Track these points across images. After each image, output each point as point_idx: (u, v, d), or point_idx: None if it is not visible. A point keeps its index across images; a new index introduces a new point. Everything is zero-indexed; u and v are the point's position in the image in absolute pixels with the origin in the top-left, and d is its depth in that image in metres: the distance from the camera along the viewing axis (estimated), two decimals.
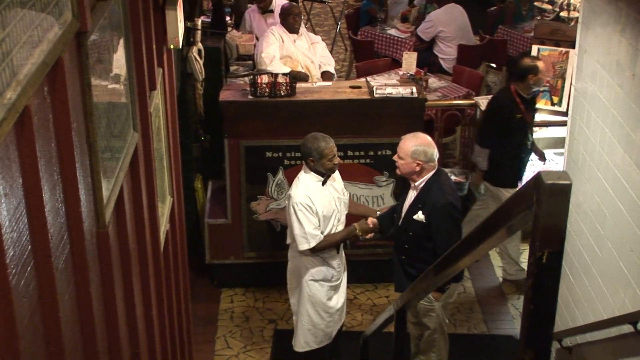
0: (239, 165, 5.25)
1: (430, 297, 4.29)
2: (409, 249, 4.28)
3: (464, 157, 6.88)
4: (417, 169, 4.14)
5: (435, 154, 4.16)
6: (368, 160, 5.31)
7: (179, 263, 4.18)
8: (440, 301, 4.35)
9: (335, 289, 4.54)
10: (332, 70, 6.56)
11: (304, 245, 4.27)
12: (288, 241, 4.42)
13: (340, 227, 4.43)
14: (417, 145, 4.13)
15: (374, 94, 5.17)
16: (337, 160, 4.26)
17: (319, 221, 4.28)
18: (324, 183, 4.33)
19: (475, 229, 2.09)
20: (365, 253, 5.52)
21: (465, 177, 6.49)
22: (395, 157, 4.26)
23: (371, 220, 4.48)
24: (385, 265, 5.17)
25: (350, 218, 4.65)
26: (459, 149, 7.10)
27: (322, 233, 4.32)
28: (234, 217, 5.40)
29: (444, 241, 4.06)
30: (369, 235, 4.54)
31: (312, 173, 4.30)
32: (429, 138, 4.20)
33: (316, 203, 4.25)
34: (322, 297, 4.47)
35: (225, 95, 5.19)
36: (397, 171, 4.26)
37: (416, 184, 4.21)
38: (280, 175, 5.27)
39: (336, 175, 4.46)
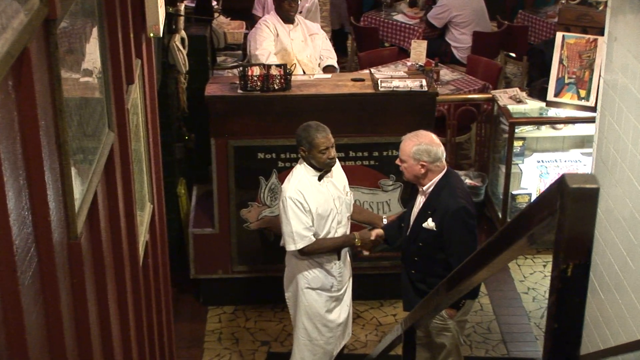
0: (228, 168, 5.25)
1: (444, 315, 4.30)
2: (419, 262, 4.28)
3: (480, 158, 6.89)
4: (422, 171, 4.16)
5: (441, 153, 4.17)
6: (372, 162, 5.32)
7: (160, 278, 4.18)
8: (455, 319, 4.35)
9: (337, 300, 4.55)
10: (335, 64, 6.56)
11: (290, 246, 4.33)
12: (282, 242, 4.46)
13: (341, 230, 4.45)
14: (418, 145, 4.14)
15: (379, 88, 5.18)
16: (332, 153, 4.29)
17: (312, 221, 4.31)
18: (320, 178, 4.36)
19: (492, 239, 2.08)
20: (370, 266, 5.53)
21: (481, 181, 6.53)
22: (397, 161, 4.28)
23: (376, 233, 4.49)
24: (392, 280, 5.17)
25: (354, 226, 4.67)
26: (474, 149, 7.11)
27: (316, 235, 4.34)
28: (222, 226, 5.40)
29: (458, 251, 4.08)
30: (367, 252, 4.56)
31: (307, 166, 4.34)
32: (432, 135, 4.22)
33: (309, 200, 4.29)
34: (319, 308, 4.49)
35: (211, 90, 5.19)
36: (403, 175, 4.29)
37: (424, 188, 4.23)
38: (273, 179, 5.27)
39: (337, 171, 4.49)
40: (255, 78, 5.09)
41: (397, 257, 4.66)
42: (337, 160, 4.58)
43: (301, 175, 4.34)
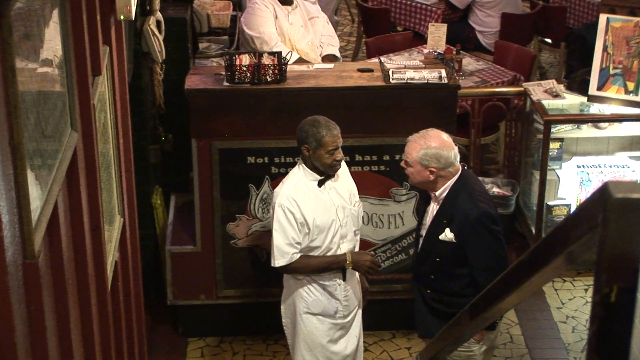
0: (212, 175, 5.25)
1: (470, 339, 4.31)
2: (436, 280, 4.30)
3: (510, 162, 6.89)
4: (432, 178, 4.18)
5: (454, 156, 4.19)
6: (382, 167, 5.33)
7: (131, 304, 4.18)
8: (484, 344, 4.36)
9: (343, 329, 4.57)
10: (337, 53, 6.57)
11: (272, 262, 4.40)
12: None
13: (346, 246, 4.48)
14: (425, 149, 4.16)
15: (390, 80, 5.18)
16: (339, 156, 4.32)
17: (307, 234, 4.34)
18: (321, 184, 4.39)
19: (523, 258, 2.10)
20: (379, 290, 5.52)
21: (511, 190, 6.52)
22: (402, 164, 4.30)
23: (370, 258, 4.51)
24: (406, 306, 5.16)
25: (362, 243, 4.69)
26: (503, 152, 7.12)
27: (314, 249, 4.38)
28: (205, 243, 5.41)
29: (484, 263, 4.10)
30: (365, 285, 4.58)
31: (307, 169, 4.37)
32: (442, 136, 4.23)
33: (305, 209, 4.32)
34: (321, 338, 4.51)
35: (192, 82, 5.20)
36: (410, 180, 4.32)
37: (437, 193, 4.24)
38: (266, 187, 5.27)
39: (344, 176, 4.51)
40: (245, 68, 5.09)
41: (410, 280, 4.67)
42: (344, 163, 4.59)
43: (297, 180, 4.38)
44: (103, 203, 3.33)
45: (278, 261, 4.36)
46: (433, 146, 4.15)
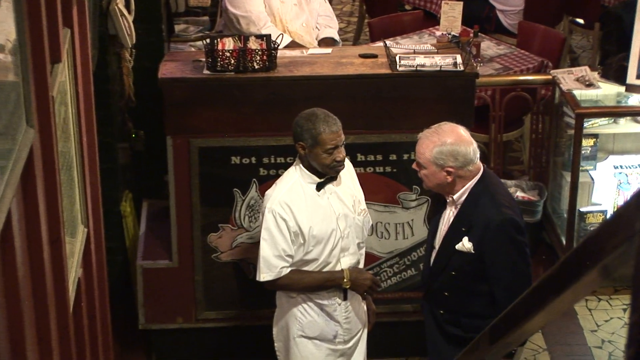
0: (190, 178, 5.26)
1: None
2: (451, 298, 4.30)
3: (537, 162, 6.90)
4: (449, 179, 4.19)
5: (473, 152, 4.19)
6: (388, 169, 5.33)
7: (97, 328, 4.17)
8: None
9: (343, 356, 4.58)
10: (336, 36, 6.58)
11: (257, 275, 4.43)
12: None
13: (347, 261, 4.49)
14: (440, 146, 4.16)
15: (397, 67, 5.18)
16: (340, 156, 4.32)
17: (302, 245, 4.36)
18: (320, 187, 4.40)
19: (550, 272, 2.12)
20: (386, 311, 5.52)
21: (538, 194, 6.51)
22: (414, 166, 4.31)
23: (371, 277, 4.53)
24: (416, 330, 5.16)
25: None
26: (528, 150, 7.12)
27: (310, 264, 4.40)
28: (182, 257, 5.40)
29: (506, 279, 4.10)
30: (371, 306, 4.61)
31: (304, 170, 4.39)
32: (459, 130, 4.24)
33: (300, 217, 4.34)
34: None
35: (167, 70, 5.19)
36: (424, 184, 4.32)
37: (454, 197, 4.26)
38: (253, 192, 5.27)
39: (347, 179, 4.52)
40: (228, 54, 5.08)
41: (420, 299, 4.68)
42: (350, 164, 4.59)
43: (293, 182, 4.39)
44: (64, 211, 3.32)
45: (264, 275, 4.38)
46: (448, 142, 4.15)
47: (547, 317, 2.29)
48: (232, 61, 5.09)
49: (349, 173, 4.56)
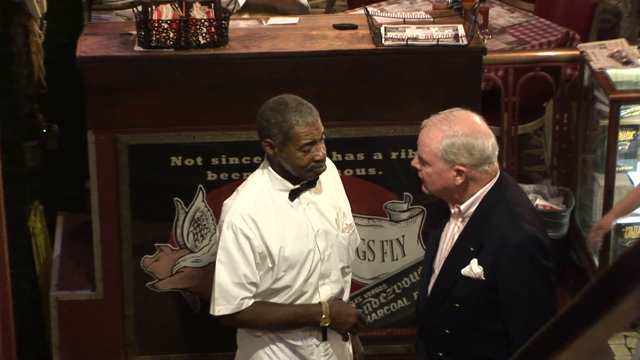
0: (118, 184, 5.27)
1: None
2: (453, 338, 4.30)
3: (561, 161, 6.95)
4: (459, 181, 4.16)
5: (492, 148, 4.18)
6: (372, 171, 5.37)
7: None
8: None
9: None
10: (305, 1, 6.62)
11: (212, 308, 4.43)
12: None
13: (328, 290, 4.52)
14: (451, 137, 4.14)
15: (383, 41, 5.20)
16: (320, 154, 4.33)
17: (271, 270, 4.38)
18: (294, 196, 4.41)
19: (578, 299, 2.11)
20: (372, 353, 5.53)
21: (563, 202, 6.54)
22: (415, 163, 4.28)
23: (356, 312, 4.58)
24: None
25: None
26: (550, 146, 7.16)
27: (280, 293, 4.42)
28: (109, 286, 5.41)
29: (525, 314, 4.10)
30: (359, 349, 4.67)
31: (273, 174, 4.41)
32: (475, 118, 4.24)
33: (267, 233, 4.36)
34: None
35: (88, 46, 5.20)
36: (424, 188, 4.29)
37: (462, 207, 4.24)
38: (199, 201, 5.30)
39: (329, 185, 4.55)
40: (166, 25, 5.09)
41: (414, 337, 4.67)
42: (332, 166, 4.63)
43: (259, 189, 4.41)
44: None
45: (220, 308, 4.39)
46: (462, 132, 4.13)
47: (574, 358, 2.25)
48: (171, 34, 5.11)
49: (331, 177, 4.59)
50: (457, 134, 4.13)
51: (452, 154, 4.12)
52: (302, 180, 4.39)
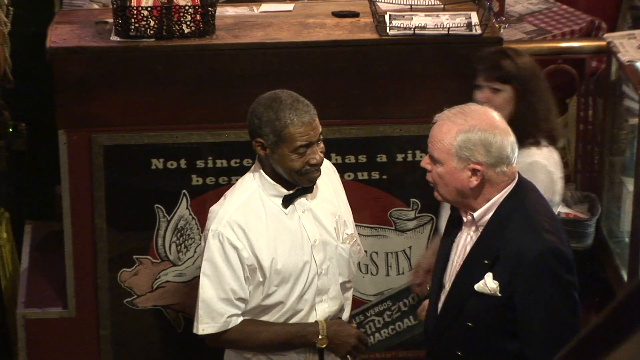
0: (92, 190, 5.28)
1: None
2: (464, 359, 4.29)
3: (586, 164, 6.96)
4: (474, 182, 4.15)
5: (511, 148, 4.17)
6: (375, 175, 5.40)
7: None
8: None
9: None
10: None
11: (195, 326, 4.44)
12: None
13: (326, 308, 4.54)
14: (467, 131, 4.12)
15: (387, 30, 5.23)
16: (316, 156, 4.34)
17: (261, 284, 4.40)
18: (288, 202, 4.42)
19: (603, 317, 2.11)
20: None
21: (588, 209, 6.51)
22: (425, 163, 4.25)
23: (356, 332, 4.60)
24: None
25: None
26: (574, 146, 7.15)
27: (272, 310, 4.44)
28: (82, 303, 5.43)
29: (545, 334, 4.09)
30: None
31: (265, 178, 4.41)
32: (492, 114, 4.23)
33: (258, 244, 4.38)
34: None
35: (59, 37, 5.22)
36: (436, 194, 4.27)
37: (475, 215, 4.24)
38: (182, 209, 5.32)
39: (327, 191, 4.57)
40: (146, 12, 5.11)
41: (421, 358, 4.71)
42: (332, 168, 4.66)
43: (249, 194, 4.43)
44: None
45: (205, 326, 4.40)
46: (478, 127, 4.12)
47: None
48: (152, 23, 5.14)
49: (330, 181, 4.61)
50: (474, 128, 4.12)
51: (468, 150, 4.11)
52: (296, 185, 4.40)
